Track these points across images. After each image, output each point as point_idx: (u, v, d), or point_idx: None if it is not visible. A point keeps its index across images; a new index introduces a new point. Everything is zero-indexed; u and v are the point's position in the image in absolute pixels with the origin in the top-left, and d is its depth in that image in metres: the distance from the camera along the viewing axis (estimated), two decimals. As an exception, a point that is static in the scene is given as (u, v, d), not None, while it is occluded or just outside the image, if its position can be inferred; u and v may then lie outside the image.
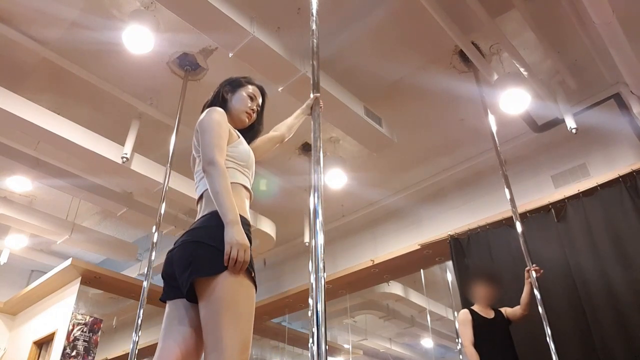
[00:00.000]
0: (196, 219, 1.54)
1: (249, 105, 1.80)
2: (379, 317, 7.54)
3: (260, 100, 1.87)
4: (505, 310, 3.30)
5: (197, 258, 1.36)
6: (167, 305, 1.49)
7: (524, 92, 3.65)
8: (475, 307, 3.29)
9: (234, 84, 1.83)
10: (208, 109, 1.65)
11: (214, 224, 1.43)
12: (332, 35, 3.63)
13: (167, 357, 1.37)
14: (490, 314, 3.24)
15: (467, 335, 3.12)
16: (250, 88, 1.83)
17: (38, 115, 3.82)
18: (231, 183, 1.52)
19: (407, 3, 3.34)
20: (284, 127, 2.03)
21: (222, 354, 1.25)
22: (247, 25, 3.19)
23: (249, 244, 1.38)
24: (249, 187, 1.63)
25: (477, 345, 3.07)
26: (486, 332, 3.12)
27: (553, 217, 3.98)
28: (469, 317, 3.19)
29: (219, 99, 1.79)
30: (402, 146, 4.54)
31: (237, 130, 1.72)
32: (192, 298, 1.39)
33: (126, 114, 4.30)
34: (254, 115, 1.84)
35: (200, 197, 1.58)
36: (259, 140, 1.93)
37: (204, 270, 1.34)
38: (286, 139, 2.04)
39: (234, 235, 1.35)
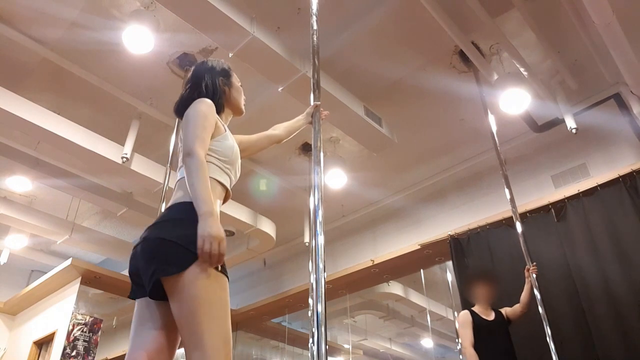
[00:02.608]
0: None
1: (242, 93, 1.80)
2: (379, 317, 7.54)
3: None
4: (505, 311, 3.30)
5: (160, 256, 1.31)
6: (136, 304, 1.44)
7: (524, 92, 3.66)
8: (475, 308, 3.29)
9: (226, 74, 1.76)
10: (196, 100, 1.60)
11: (176, 217, 1.39)
12: (332, 35, 3.63)
13: (139, 357, 1.33)
14: (491, 316, 3.24)
15: (467, 336, 3.12)
16: (235, 77, 1.80)
17: (38, 115, 3.82)
18: None
19: (407, 3, 3.34)
20: (283, 129, 2.02)
21: (205, 351, 1.23)
22: (247, 25, 3.19)
23: (224, 236, 1.31)
24: (227, 184, 1.56)
25: (476, 347, 3.07)
26: (486, 334, 3.12)
27: (553, 217, 3.98)
28: (469, 318, 3.19)
29: (218, 92, 1.71)
30: (402, 146, 4.54)
31: (225, 125, 1.68)
32: (158, 296, 1.34)
33: (126, 114, 4.31)
34: None
35: (174, 187, 1.55)
36: (257, 136, 1.91)
37: (168, 269, 1.29)
38: (283, 141, 2.03)
39: (206, 227, 1.28)
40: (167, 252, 1.31)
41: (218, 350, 1.24)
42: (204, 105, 1.57)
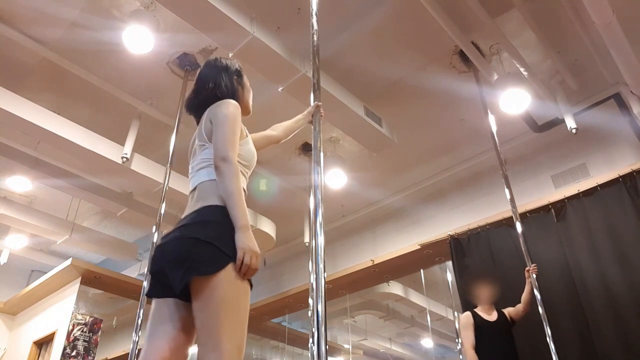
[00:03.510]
0: (186, 212, 1.46)
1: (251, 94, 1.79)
2: (379, 317, 7.54)
3: None
4: (508, 311, 3.29)
5: (194, 256, 1.31)
6: (154, 303, 1.43)
7: (524, 92, 3.65)
8: (478, 309, 3.28)
9: (239, 74, 1.76)
10: (224, 101, 1.59)
11: (209, 219, 1.38)
12: (332, 35, 3.63)
13: (153, 357, 1.33)
14: (493, 317, 3.23)
15: (468, 338, 3.11)
16: (245, 75, 1.80)
17: (38, 115, 3.82)
18: None
19: (407, 3, 3.34)
20: (282, 129, 2.01)
21: (222, 354, 1.23)
22: (247, 25, 3.19)
23: (259, 251, 1.34)
24: (245, 188, 1.57)
25: (478, 348, 3.06)
26: (487, 336, 3.11)
27: (553, 217, 3.98)
28: (471, 320, 3.18)
29: (234, 91, 1.70)
30: (402, 146, 4.54)
31: (245, 127, 1.69)
32: (184, 295, 1.34)
33: (126, 114, 4.30)
34: None
35: (195, 188, 1.51)
36: (255, 136, 1.90)
37: (202, 269, 1.29)
38: (282, 141, 2.02)
39: (246, 241, 1.32)
40: (202, 252, 1.31)
41: (233, 356, 1.25)
42: (233, 108, 1.56)
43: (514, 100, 3.69)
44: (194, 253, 1.31)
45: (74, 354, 5.10)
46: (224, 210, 1.39)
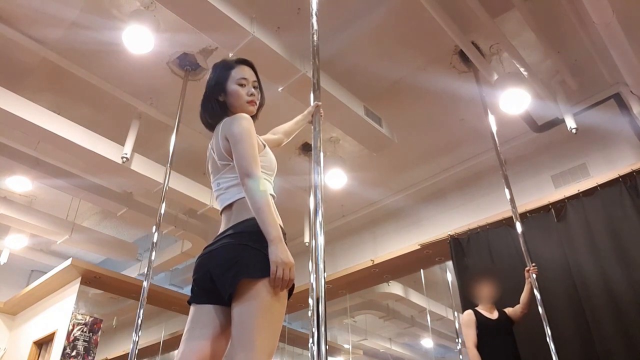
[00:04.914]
0: (228, 226, 1.49)
1: (246, 92, 1.67)
2: (379, 317, 7.54)
3: (252, 77, 1.72)
4: (507, 311, 3.30)
5: (245, 259, 1.36)
6: (192, 308, 1.47)
7: (524, 92, 3.66)
8: (479, 308, 3.28)
9: (220, 81, 1.67)
10: (236, 116, 1.57)
11: (255, 230, 1.41)
12: (332, 35, 3.63)
13: (195, 357, 1.37)
14: (494, 315, 3.24)
15: (470, 336, 3.11)
16: (233, 73, 1.68)
17: (38, 115, 3.82)
18: None
19: (407, 3, 3.34)
20: (282, 132, 2.01)
21: (252, 356, 1.26)
22: (247, 25, 3.19)
23: (293, 262, 1.36)
24: (273, 193, 1.59)
25: (480, 346, 3.06)
26: (490, 334, 3.12)
27: (553, 217, 3.98)
28: (473, 318, 3.18)
29: (218, 106, 1.66)
30: (402, 146, 4.54)
31: (259, 137, 1.67)
32: (223, 300, 1.37)
33: (126, 114, 4.30)
34: (257, 96, 1.71)
35: (230, 205, 1.52)
36: None
37: (251, 272, 1.34)
38: (283, 144, 2.02)
39: (278, 254, 1.34)
40: (251, 257, 1.36)
41: (262, 359, 1.28)
42: (246, 122, 1.55)
43: (514, 100, 3.69)
44: (244, 257, 1.37)
45: (74, 354, 5.09)
46: None
